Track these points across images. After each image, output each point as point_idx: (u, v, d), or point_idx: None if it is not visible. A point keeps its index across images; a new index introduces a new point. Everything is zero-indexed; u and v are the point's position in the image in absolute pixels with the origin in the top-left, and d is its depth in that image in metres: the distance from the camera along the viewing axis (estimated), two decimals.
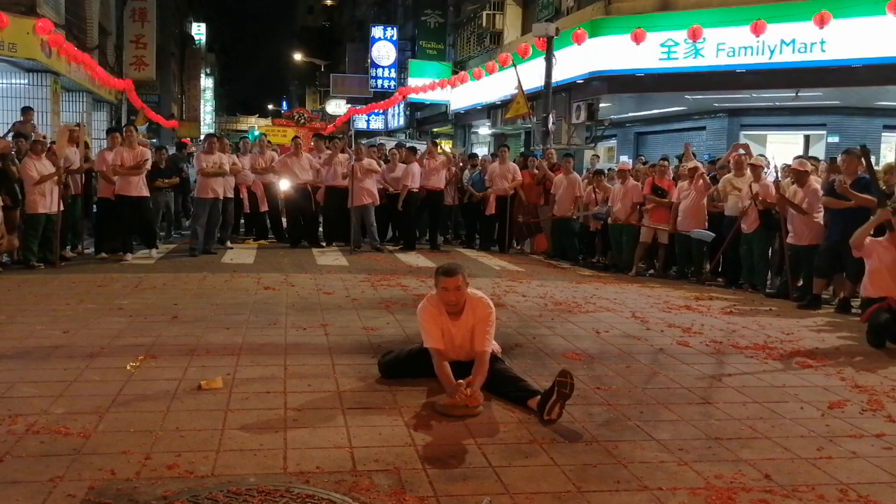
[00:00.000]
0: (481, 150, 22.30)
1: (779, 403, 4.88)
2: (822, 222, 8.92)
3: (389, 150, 14.79)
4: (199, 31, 55.92)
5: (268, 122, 48.11)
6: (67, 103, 18.90)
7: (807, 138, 18.29)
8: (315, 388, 4.84)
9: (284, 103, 72.23)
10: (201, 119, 51.69)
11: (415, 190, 13.40)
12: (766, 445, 4.10)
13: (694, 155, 12.08)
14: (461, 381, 4.48)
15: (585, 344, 6.40)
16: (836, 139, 16.84)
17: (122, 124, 15.03)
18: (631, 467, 3.72)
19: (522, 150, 19.74)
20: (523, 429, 4.22)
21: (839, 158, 8.85)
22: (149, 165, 11.19)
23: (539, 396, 4.42)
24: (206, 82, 59.73)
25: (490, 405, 4.57)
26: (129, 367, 5.17)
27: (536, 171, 13.62)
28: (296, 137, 14.01)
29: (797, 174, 9.21)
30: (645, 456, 3.88)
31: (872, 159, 8.59)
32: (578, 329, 7.01)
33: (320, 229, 14.16)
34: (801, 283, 9.34)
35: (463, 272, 4.77)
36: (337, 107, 41.92)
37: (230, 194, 12.69)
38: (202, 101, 54.94)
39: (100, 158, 11.14)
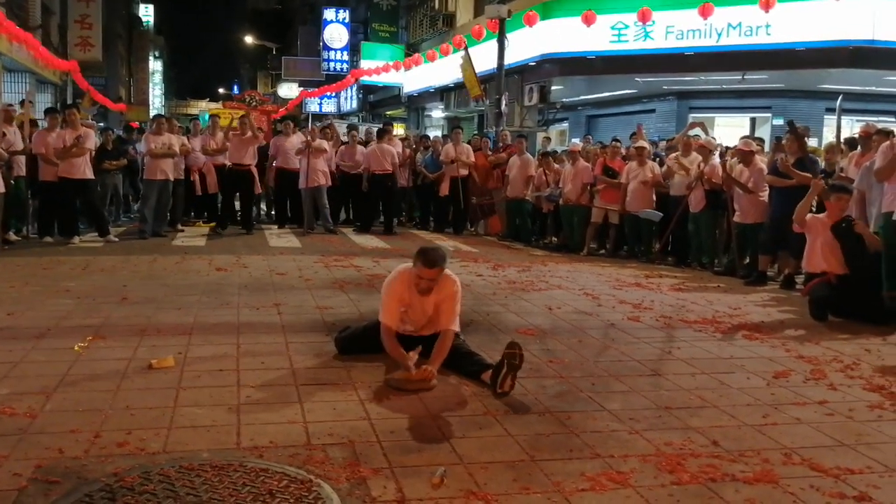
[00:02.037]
0: (434, 133, 22.25)
1: (726, 374, 4.97)
2: (767, 200, 9.09)
3: (349, 132, 14.70)
4: (146, 12, 54.68)
5: (219, 105, 47.30)
6: (9, 84, 18.39)
7: (753, 121, 18.62)
8: (269, 366, 4.80)
9: (236, 87, 71.16)
10: (150, 103, 50.66)
11: (381, 172, 13.28)
12: (713, 414, 4.18)
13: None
14: (412, 353, 4.53)
15: (538, 320, 6.45)
16: (780, 121, 17.14)
17: (67, 105, 14.60)
18: (583, 436, 3.76)
19: (475, 132, 19.75)
20: (477, 402, 4.24)
21: (784, 138, 9.02)
22: (90, 146, 10.91)
23: (491, 370, 4.44)
24: (155, 65, 58.53)
25: (444, 379, 4.58)
26: (76, 348, 5.06)
27: (490, 155, 13.63)
28: (243, 116, 13.61)
29: (743, 154, 9.35)
30: (597, 426, 3.93)
31: (814, 140, 8.79)
32: (531, 306, 7.06)
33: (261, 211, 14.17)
34: (747, 260, 9.51)
35: (443, 264, 4.69)
36: (289, 90, 41.45)
37: (180, 176, 12.50)
38: (151, 85, 53.85)
39: (38, 140, 10.57)
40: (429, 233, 13.69)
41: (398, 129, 26.68)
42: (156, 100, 56.31)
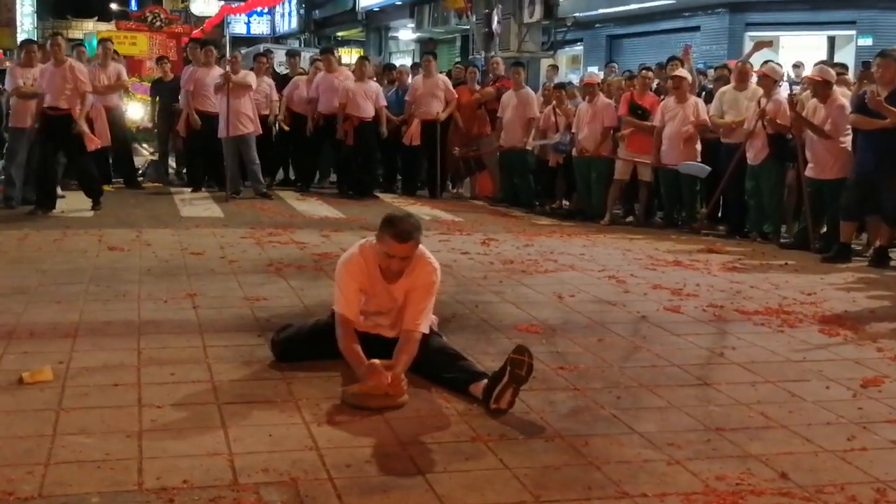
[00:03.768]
0: (402, 61, 22.16)
1: (798, 383, 5.00)
2: (850, 149, 9.11)
3: (311, 58, 14.74)
4: None
5: (111, 26, 46.85)
6: None
7: (831, 40, 18.67)
8: (180, 378, 4.79)
9: (133, 1, 70.59)
10: (18, 24, 50.16)
11: (367, 119, 13.25)
12: (781, 436, 4.20)
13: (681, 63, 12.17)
14: (375, 361, 4.49)
15: (544, 312, 6.46)
16: (868, 41, 17.19)
17: None
18: (606, 469, 3.77)
19: (458, 60, 19.67)
20: (463, 423, 4.24)
21: (874, 64, 9.01)
22: None
23: (485, 381, 4.44)
24: None
25: (419, 393, 4.57)
26: None
27: (477, 91, 13.54)
28: (54, 36, 13.13)
29: (818, 86, 9.35)
30: (624, 454, 3.93)
31: None
32: (535, 294, 7.07)
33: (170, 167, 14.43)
34: (824, 228, 9.56)
35: (418, 236, 4.70)
36: (205, 4, 41.07)
37: None
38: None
39: None
40: (396, 196, 13.68)
41: (348, 56, 26.60)
42: (25, 20, 55.63)
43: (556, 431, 4.16)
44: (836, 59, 15.70)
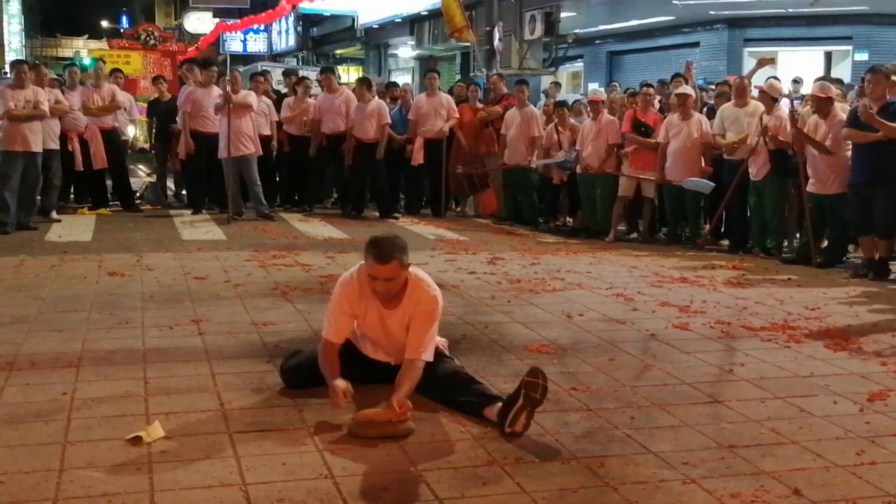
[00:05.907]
0: (402, 79, 22.23)
1: (806, 398, 5.05)
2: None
3: (316, 78, 14.83)
4: None
5: (103, 44, 46.92)
6: None
7: (828, 56, 18.76)
8: (190, 407, 4.78)
9: (125, 18, 70.62)
10: (5, 42, 50.24)
11: (368, 140, 13.28)
12: (793, 452, 4.25)
13: (684, 80, 12.26)
14: (340, 382, 4.54)
15: (554, 332, 6.50)
16: (864, 56, 17.29)
17: None
18: (622, 490, 3.80)
19: (458, 76, 19.73)
20: (479, 447, 4.26)
21: (865, 79, 9.12)
22: None
23: (499, 404, 4.46)
24: None
25: (433, 418, 4.59)
26: None
27: (480, 109, 13.57)
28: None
29: (819, 102, 9.44)
30: (640, 474, 3.97)
31: None
32: (543, 313, 7.11)
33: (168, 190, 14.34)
34: (825, 243, 9.63)
35: (401, 257, 4.66)
36: (200, 22, 41.17)
37: (54, 145, 12.35)
38: (6, 18, 53.33)
39: None
40: (401, 215, 13.70)
41: (346, 73, 26.62)
42: (13, 38, 55.70)
43: (571, 453, 4.19)
44: (833, 74, 15.80)
